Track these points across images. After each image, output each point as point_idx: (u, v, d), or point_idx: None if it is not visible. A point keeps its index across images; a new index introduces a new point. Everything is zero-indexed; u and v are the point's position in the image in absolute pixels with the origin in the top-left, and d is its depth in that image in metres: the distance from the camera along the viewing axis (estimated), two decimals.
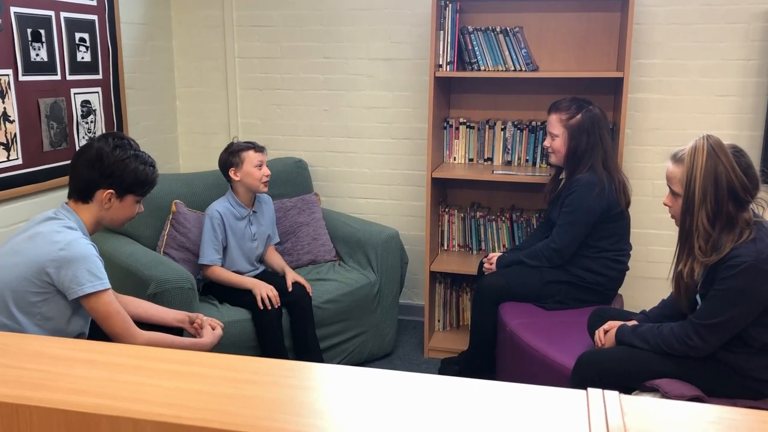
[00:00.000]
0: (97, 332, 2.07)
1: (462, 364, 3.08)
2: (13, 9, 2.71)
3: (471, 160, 3.55)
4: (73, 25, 3.06)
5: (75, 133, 3.10)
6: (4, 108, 2.69)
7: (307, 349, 2.90)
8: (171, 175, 3.30)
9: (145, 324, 2.17)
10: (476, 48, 3.27)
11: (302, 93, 3.80)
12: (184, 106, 3.98)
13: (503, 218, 3.49)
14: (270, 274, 3.08)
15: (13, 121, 2.74)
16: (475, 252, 3.56)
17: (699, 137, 1.98)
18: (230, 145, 3.00)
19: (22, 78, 2.77)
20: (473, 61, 3.28)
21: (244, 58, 3.84)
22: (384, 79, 3.67)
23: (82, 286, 1.92)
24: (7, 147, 2.72)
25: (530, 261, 2.87)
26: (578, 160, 2.82)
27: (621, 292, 3.01)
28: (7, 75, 2.70)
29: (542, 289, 2.83)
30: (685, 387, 2.01)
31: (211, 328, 2.28)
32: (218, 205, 2.97)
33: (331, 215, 3.56)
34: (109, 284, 1.98)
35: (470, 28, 3.28)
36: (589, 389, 0.84)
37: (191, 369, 0.90)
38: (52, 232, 1.95)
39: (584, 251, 2.82)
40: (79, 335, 2.07)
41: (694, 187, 1.95)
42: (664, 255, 3.43)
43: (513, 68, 3.25)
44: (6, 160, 2.72)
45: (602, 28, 3.31)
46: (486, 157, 3.51)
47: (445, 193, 3.68)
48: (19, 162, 2.79)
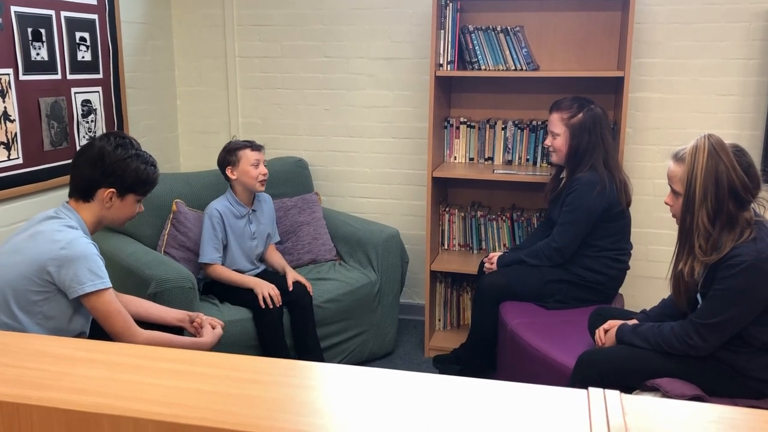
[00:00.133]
0: (98, 331, 2.07)
1: (462, 364, 3.08)
2: (13, 8, 2.71)
3: (471, 159, 3.55)
4: (74, 25, 3.06)
5: (75, 133, 3.10)
6: (5, 107, 2.69)
7: (307, 348, 2.90)
8: (171, 174, 3.30)
9: (145, 323, 2.17)
10: (477, 47, 3.26)
11: (303, 92, 3.80)
12: (185, 106, 3.98)
13: (504, 218, 3.49)
14: (271, 274, 3.08)
15: (14, 120, 2.74)
16: (475, 251, 3.56)
17: (700, 136, 1.98)
18: (228, 144, 3.00)
19: (22, 77, 2.77)
20: (474, 60, 3.28)
21: (245, 57, 3.84)
22: (384, 78, 3.67)
23: (83, 285, 1.92)
24: (7, 146, 2.72)
25: (531, 260, 2.87)
26: (579, 159, 2.81)
27: (621, 291, 3.01)
28: (8, 74, 2.70)
29: (543, 288, 2.83)
30: (686, 386, 2.01)
31: (212, 327, 2.28)
32: (217, 204, 2.97)
33: (331, 214, 3.56)
34: (109, 283, 1.99)
35: (471, 28, 3.28)
36: (590, 389, 0.84)
37: (192, 368, 0.90)
38: (52, 231, 1.95)
39: (585, 250, 2.82)
40: (80, 334, 2.07)
41: (695, 186, 1.95)
42: (664, 254, 3.43)
43: (513, 67, 3.24)
44: (6, 159, 2.72)
45: (603, 27, 3.31)
46: (486, 157, 3.51)
47: (446, 192, 3.68)
48: (20, 161, 2.80)
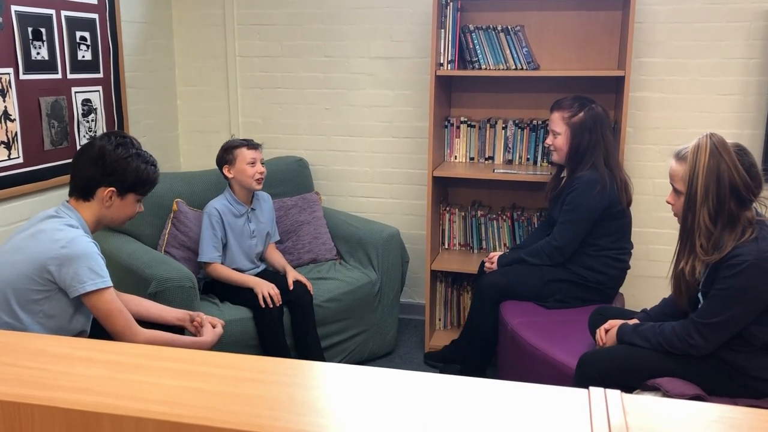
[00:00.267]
0: (99, 330, 2.07)
1: (462, 363, 3.08)
2: (13, 7, 2.71)
3: (472, 158, 3.55)
4: (74, 24, 3.05)
5: (76, 132, 3.10)
6: (5, 107, 2.69)
7: (307, 347, 2.90)
8: (172, 173, 3.30)
9: (146, 322, 2.17)
10: (477, 47, 3.26)
11: (303, 92, 3.80)
12: (185, 105, 3.98)
13: (504, 217, 3.49)
14: (271, 273, 3.08)
15: (14, 119, 2.74)
16: (476, 251, 3.56)
17: (702, 135, 1.98)
18: (225, 143, 3.00)
19: (23, 77, 2.77)
20: (474, 59, 3.28)
21: (245, 56, 3.84)
22: (385, 77, 3.67)
23: (84, 283, 1.92)
24: (8, 146, 2.72)
25: (531, 259, 2.87)
26: (580, 158, 2.81)
27: (622, 290, 3.01)
28: (8, 74, 2.70)
29: (543, 287, 2.83)
30: (687, 386, 2.01)
31: (212, 327, 2.28)
32: (216, 203, 2.97)
33: (331, 214, 3.56)
34: (110, 282, 1.99)
35: (471, 27, 3.28)
36: (591, 388, 0.84)
37: (192, 367, 0.90)
38: (53, 230, 1.95)
39: (585, 249, 2.82)
40: (81, 333, 2.07)
41: (697, 185, 1.95)
42: (665, 254, 3.43)
43: (514, 67, 3.24)
44: (7, 158, 2.72)
45: (603, 26, 3.31)
46: (487, 156, 3.51)
47: (446, 191, 3.68)
48: (20, 161, 2.80)
